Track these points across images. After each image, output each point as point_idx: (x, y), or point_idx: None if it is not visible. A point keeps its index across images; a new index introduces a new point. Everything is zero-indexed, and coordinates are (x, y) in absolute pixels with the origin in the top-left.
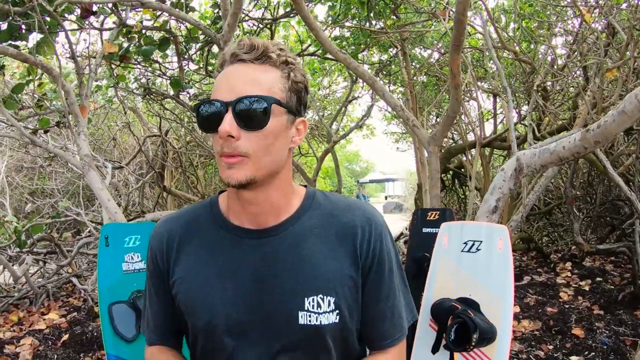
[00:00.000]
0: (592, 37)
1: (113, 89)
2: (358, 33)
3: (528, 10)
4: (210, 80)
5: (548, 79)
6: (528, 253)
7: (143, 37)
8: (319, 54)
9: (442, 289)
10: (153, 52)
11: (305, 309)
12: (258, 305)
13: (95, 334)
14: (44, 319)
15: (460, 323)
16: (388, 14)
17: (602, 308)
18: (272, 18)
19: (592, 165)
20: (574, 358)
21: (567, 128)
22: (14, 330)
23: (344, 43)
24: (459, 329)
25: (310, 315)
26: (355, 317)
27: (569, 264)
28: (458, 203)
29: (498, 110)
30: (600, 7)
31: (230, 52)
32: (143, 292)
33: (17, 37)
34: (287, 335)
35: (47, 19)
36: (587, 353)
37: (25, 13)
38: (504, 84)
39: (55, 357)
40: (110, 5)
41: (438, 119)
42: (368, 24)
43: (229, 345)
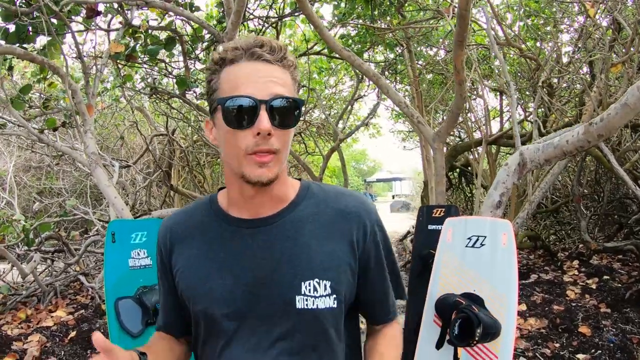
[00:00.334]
0: (597, 33)
1: (120, 89)
2: (363, 31)
3: (534, 7)
4: None
5: (553, 75)
6: (535, 251)
7: (149, 36)
8: (325, 53)
9: (446, 285)
10: (159, 51)
11: (302, 293)
12: (257, 291)
13: (103, 331)
14: (52, 317)
15: (464, 318)
16: (393, 13)
17: (609, 306)
18: (277, 16)
19: (599, 163)
20: (581, 356)
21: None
22: (22, 327)
23: (350, 42)
24: (463, 324)
25: (307, 299)
26: (352, 300)
27: (576, 262)
28: (465, 201)
29: (505, 108)
30: (606, 2)
31: (248, 48)
32: (149, 287)
33: (24, 39)
34: (285, 320)
35: (54, 21)
36: (593, 351)
37: (33, 14)
38: (507, 79)
39: (63, 353)
40: (116, 5)
41: (445, 117)
42: (373, 23)
43: (230, 331)
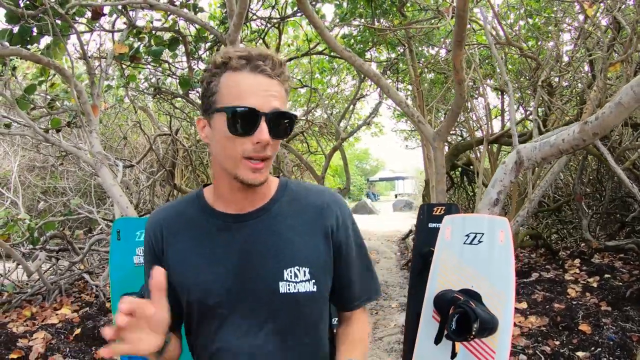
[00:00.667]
0: (597, 32)
1: (124, 89)
2: (365, 31)
3: (534, 6)
4: None
5: (553, 74)
6: (537, 250)
7: (153, 37)
8: (327, 53)
9: (445, 281)
10: (163, 52)
11: (285, 280)
12: (245, 280)
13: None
14: (57, 314)
15: (462, 313)
16: (395, 12)
17: (609, 304)
18: (279, 17)
19: (601, 162)
20: (581, 354)
21: None
22: (27, 325)
23: (352, 41)
24: (460, 319)
25: (289, 285)
26: (329, 284)
27: (578, 261)
28: (467, 200)
29: (506, 107)
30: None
31: (252, 60)
32: None
33: (28, 40)
34: (271, 305)
35: (58, 22)
36: (593, 349)
37: (38, 16)
38: (504, 78)
39: (68, 350)
40: (120, 7)
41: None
42: (374, 23)
43: (222, 317)
